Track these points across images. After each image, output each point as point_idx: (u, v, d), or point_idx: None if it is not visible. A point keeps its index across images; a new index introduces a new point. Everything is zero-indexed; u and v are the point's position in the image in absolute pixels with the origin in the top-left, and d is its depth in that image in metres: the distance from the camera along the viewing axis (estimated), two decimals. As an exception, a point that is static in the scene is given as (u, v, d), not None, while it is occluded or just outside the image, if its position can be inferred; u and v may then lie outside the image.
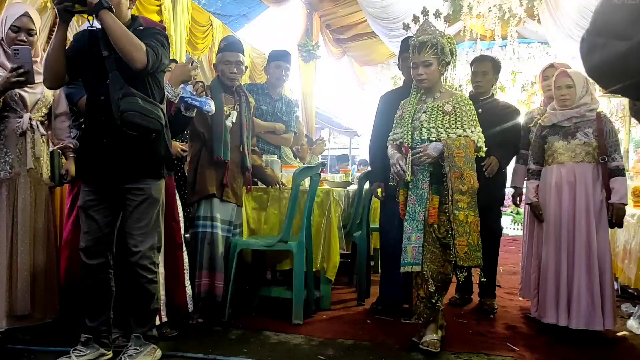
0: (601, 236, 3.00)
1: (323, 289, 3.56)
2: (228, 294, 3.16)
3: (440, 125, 2.78)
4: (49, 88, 2.53)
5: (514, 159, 3.76)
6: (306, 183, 3.49)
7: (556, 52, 8.25)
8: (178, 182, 3.19)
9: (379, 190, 3.51)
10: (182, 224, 2.97)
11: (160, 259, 2.72)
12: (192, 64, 2.78)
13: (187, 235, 3.23)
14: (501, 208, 3.95)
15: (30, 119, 2.68)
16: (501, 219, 3.90)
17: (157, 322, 2.70)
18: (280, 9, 7.61)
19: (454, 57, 2.88)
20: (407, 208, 2.85)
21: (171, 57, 4.88)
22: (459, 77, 9.10)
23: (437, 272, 2.75)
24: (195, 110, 2.86)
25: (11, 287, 2.59)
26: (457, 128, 2.78)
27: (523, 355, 2.75)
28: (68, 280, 2.85)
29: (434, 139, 2.78)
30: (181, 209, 3.03)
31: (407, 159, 2.79)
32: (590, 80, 4.54)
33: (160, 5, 4.85)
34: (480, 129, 2.83)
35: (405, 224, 2.83)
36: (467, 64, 3.98)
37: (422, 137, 2.80)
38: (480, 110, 3.64)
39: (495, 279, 3.81)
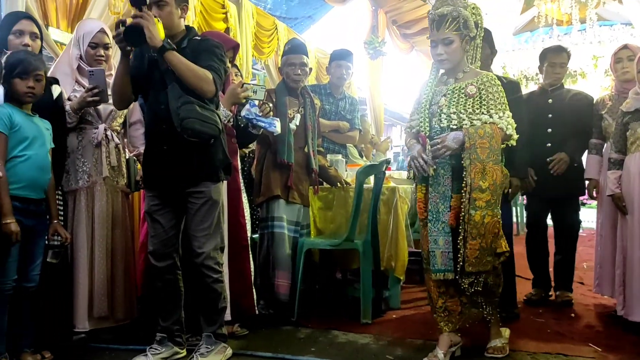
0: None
1: (392, 287, 3.52)
2: (296, 293, 3.19)
3: (462, 111, 2.42)
4: (118, 109, 2.74)
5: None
6: (372, 181, 3.46)
7: (641, 32, 7.71)
8: (246, 185, 3.26)
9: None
10: (248, 226, 3.03)
11: (225, 260, 2.80)
12: (242, 87, 2.82)
13: (255, 235, 3.30)
14: (581, 199, 3.78)
15: (105, 129, 2.82)
16: (579, 212, 3.71)
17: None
18: (345, 8, 7.60)
19: (480, 30, 2.51)
20: (429, 207, 2.51)
21: (237, 63, 5.02)
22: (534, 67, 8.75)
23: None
24: (261, 130, 2.94)
25: (92, 290, 2.74)
26: (482, 113, 2.42)
27: (606, 356, 2.59)
28: (146, 281, 2.98)
29: (454, 127, 2.42)
30: (249, 210, 3.08)
31: (428, 151, 2.45)
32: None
33: (225, 13, 4.99)
34: (510, 114, 2.47)
35: (428, 224, 2.51)
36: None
37: (442, 125, 2.46)
38: (550, 100, 3.48)
39: (573, 273, 3.64)
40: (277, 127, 2.96)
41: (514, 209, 6.25)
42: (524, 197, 5.56)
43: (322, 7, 7.39)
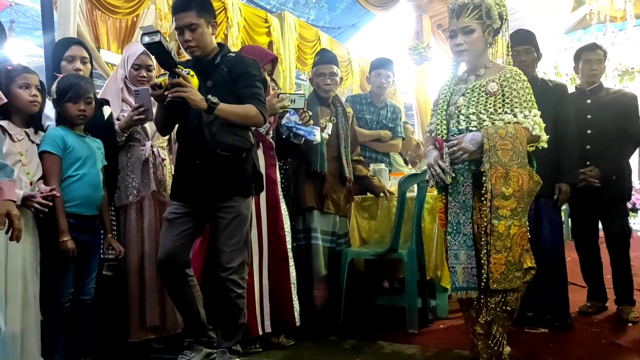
0: None
1: (439, 297, 3.48)
2: (341, 303, 3.20)
3: (483, 111, 2.20)
4: (163, 136, 2.89)
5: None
6: (415, 190, 3.43)
7: None
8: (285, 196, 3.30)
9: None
10: (288, 238, 3.06)
11: (265, 272, 2.85)
12: (278, 97, 2.86)
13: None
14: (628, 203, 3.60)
15: (151, 146, 2.93)
16: (627, 216, 3.53)
17: (260, 333, 2.83)
18: (388, 15, 7.60)
19: (505, 22, 2.29)
20: (449, 217, 2.29)
21: (281, 75, 5.10)
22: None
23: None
24: (302, 139, 2.98)
25: (144, 301, 2.83)
26: (505, 113, 2.19)
27: (665, 369, 2.48)
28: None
29: (474, 129, 2.20)
30: (288, 222, 3.11)
31: (445, 156, 2.24)
32: None
33: (268, 27, 5.09)
34: (538, 112, 2.23)
35: (448, 237, 2.30)
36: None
37: (460, 127, 2.24)
38: (588, 100, 3.35)
39: (632, 283, 3.42)
40: (316, 135, 2.99)
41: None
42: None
43: (366, 15, 7.42)
